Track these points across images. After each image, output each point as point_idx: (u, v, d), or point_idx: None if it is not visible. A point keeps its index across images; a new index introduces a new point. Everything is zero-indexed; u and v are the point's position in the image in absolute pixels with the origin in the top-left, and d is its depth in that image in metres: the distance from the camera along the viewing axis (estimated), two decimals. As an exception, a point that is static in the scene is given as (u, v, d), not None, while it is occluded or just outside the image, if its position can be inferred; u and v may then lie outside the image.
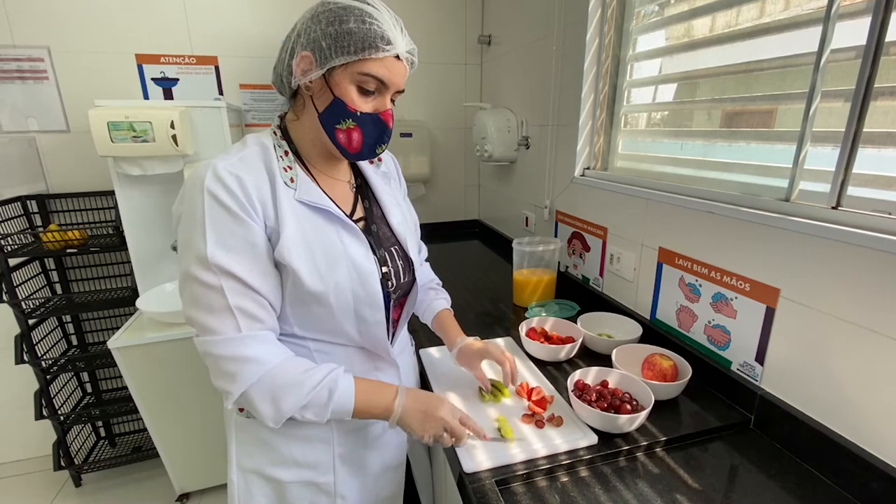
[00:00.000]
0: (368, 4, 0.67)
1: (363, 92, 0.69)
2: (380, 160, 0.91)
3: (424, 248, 1.05)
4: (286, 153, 0.73)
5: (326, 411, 0.69)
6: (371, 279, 0.75)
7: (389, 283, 0.79)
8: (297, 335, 0.75)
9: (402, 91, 0.73)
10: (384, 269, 0.78)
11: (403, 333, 0.93)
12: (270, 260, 0.68)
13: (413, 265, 0.85)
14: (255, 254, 0.66)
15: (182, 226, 0.66)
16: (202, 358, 0.66)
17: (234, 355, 0.64)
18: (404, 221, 0.87)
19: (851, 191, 0.73)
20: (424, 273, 1.08)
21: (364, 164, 0.87)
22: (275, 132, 0.75)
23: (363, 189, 0.85)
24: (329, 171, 0.79)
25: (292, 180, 0.71)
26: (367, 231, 0.79)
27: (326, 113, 0.70)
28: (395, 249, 0.83)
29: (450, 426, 0.75)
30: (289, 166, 0.72)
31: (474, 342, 0.95)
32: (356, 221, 0.78)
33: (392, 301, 0.80)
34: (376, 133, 0.73)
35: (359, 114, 0.69)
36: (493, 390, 0.93)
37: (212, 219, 0.63)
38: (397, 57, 0.68)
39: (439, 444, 0.76)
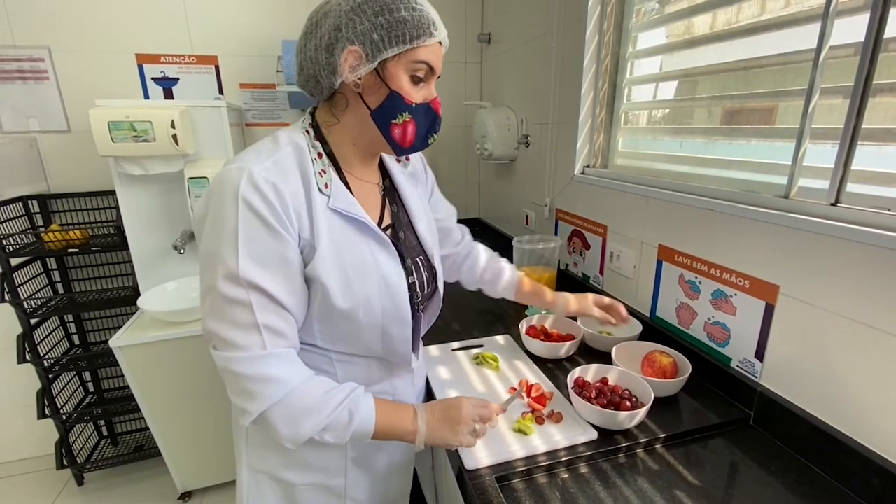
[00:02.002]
0: None
1: (415, 81, 0.68)
2: (408, 159, 0.89)
3: (465, 229, 1.10)
4: (320, 155, 0.69)
5: (346, 434, 0.67)
6: (401, 295, 0.73)
7: (415, 294, 0.77)
8: (318, 346, 0.73)
9: (440, 76, 0.72)
10: (410, 280, 0.76)
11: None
12: (301, 275, 0.66)
13: (437, 275, 0.84)
14: (287, 269, 0.63)
15: (208, 233, 0.62)
16: (221, 373, 0.63)
17: (257, 374, 0.62)
18: (430, 228, 0.85)
19: (850, 187, 0.73)
20: (472, 245, 1.12)
21: (391, 164, 0.84)
22: (307, 131, 0.71)
23: (391, 192, 0.82)
24: (360, 173, 0.76)
25: (326, 186, 0.67)
26: (394, 238, 0.76)
27: (382, 109, 0.67)
28: (421, 259, 0.81)
29: (478, 416, 0.75)
30: (323, 170, 0.68)
31: (571, 303, 1.05)
32: (385, 229, 0.76)
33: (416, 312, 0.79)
34: (428, 123, 0.72)
35: (414, 105, 0.68)
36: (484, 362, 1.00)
37: (246, 230, 0.59)
38: (439, 42, 0.68)
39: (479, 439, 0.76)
